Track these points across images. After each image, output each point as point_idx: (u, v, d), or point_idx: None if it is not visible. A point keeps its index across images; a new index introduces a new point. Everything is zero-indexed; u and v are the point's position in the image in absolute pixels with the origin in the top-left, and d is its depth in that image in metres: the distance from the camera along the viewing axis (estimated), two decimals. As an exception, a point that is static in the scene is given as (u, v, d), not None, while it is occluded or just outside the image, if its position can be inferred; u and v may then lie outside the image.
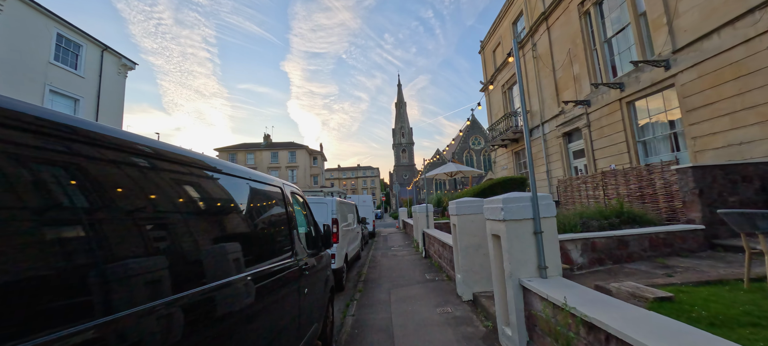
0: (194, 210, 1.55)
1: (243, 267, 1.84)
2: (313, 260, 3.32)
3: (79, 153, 1.03)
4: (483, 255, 4.87)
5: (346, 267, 6.92)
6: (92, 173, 1.07)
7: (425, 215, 10.29)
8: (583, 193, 9.12)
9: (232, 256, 1.77)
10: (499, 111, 19.49)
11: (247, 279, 1.84)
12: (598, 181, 8.43)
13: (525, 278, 2.91)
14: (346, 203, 8.35)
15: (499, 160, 20.08)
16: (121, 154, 1.20)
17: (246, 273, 1.84)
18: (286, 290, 2.42)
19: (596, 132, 10.95)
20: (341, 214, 7.06)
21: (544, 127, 14.41)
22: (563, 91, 12.88)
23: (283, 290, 2.37)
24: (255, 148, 51.22)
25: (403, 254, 10.71)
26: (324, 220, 6.25)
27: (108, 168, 1.15)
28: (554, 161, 13.66)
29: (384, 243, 14.36)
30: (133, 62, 20.96)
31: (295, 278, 2.62)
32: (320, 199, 6.39)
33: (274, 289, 2.22)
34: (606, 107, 10.43)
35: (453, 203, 5.19)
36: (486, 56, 21.66)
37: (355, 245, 9.01)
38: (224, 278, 1.63)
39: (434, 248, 8.29)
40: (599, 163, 10.87)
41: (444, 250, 6.92)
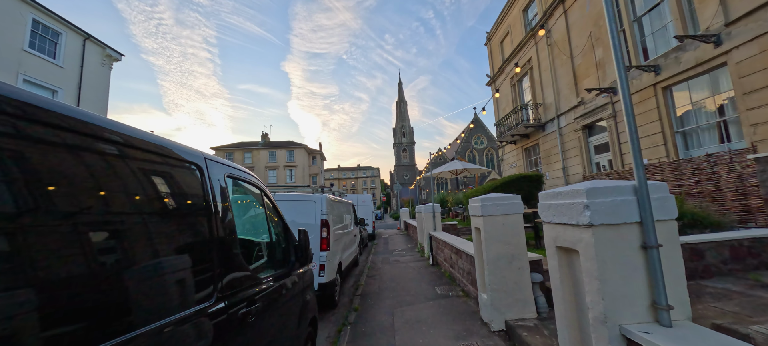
0: None
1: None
2: (278, 286, 2.12)
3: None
4: (517, 270, 3.66)
5: (339, 279, 5.72)
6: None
7: (432, 216, 9.09)
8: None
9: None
10: (507, 105, 18.28)
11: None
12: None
13: (632, 325, 1.70)
14: (342, 203, 7.13)
15: (506, 158, 18.86)
16: None
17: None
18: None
19: (623, 123, 9.73)
20: (335, 215, 5.85)
21: (559, 120, 13.19)
22: (583, 80, 11.67)
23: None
24: (252, 147, 50.06)
25: (406, 259, 9.49)
26: (311, 222, 5.04)
27: None
28: (572, 157, 12.44)
29: (385, 246, 13.15)
30: (120, 53, 19.80)
31: (232, 328, 1.42)
32: (306, 196, 5.19)
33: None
34: (636, 95, 9.21)
35: (476, 200, 3.99)
36: (493, 48, 20.47)
37: (352, 250, 7.80)
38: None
39: (444, 255, 7.07)
40: (628, 158, 9.66)
41: (458, 258, 5.70)
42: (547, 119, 14.17)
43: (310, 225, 5.00)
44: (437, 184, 56.03)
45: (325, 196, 5.21)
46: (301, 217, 5.06)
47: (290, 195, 5.18)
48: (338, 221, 6.30)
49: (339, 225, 6.28)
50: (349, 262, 7.55)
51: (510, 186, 11.24)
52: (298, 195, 5.20)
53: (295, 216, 5.07)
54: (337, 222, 6.06)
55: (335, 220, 5.87)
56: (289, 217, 4.88)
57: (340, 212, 6.62)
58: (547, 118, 14.12)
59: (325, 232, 4.96)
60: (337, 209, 6.16)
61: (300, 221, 5.03)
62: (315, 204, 5.07)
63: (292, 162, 49.68)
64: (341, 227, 6.48)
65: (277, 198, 5.13)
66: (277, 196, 5.14)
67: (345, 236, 6.81)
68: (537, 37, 14.58)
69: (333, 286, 5.10)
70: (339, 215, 6.52)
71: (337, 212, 6.27)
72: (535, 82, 15.14)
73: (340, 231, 6.20)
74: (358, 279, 7.49)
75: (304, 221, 5.03)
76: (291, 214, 5.08)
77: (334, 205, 5.92)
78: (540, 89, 14.66)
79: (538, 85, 14.78)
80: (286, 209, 5.06)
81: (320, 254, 4.87)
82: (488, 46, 21.08)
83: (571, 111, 12.36)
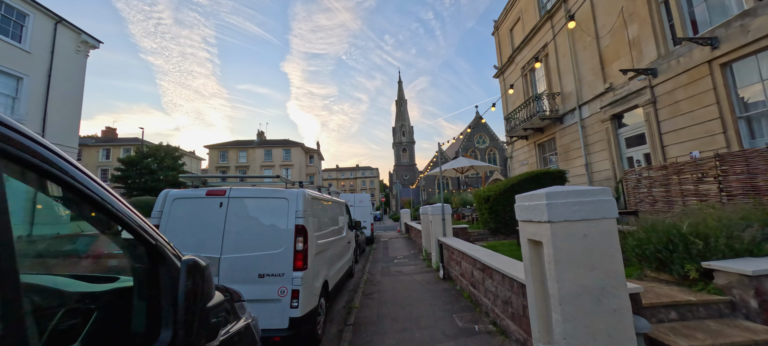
0: None
1: None
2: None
3: None
4: (612, 313, 2.18)
5: (324, 305, 4.21)
6: None
7: (441, 218, 7.61)
8: (675, 189, 6.43)
9: None
10: (517, 97, 16.83)
11: None
12: (707, 170, 5.75)
13: None
14: (331, 202, 5.63)
15: (516, 155, 17.40)
16: None
17: None
18: None
19: (667, 109, 8.27)
20: (319, 218, 4.33)
21: (581, 110, 11.73)
22: (611, 63, 10.22)
23: None
24: (248, 145, 48.53)
25: (410, 270, 7.99)
26: (281, 227, 3.54)
27: None
28: (597, 152, 10.98)
29: (384, 252, 11.65)
30: (97, 40, 18.26)
31: None
32: (274, 192, 3.66)
33: None
34: (685, 75, 7.76)
35: (533, 197, 2.51)
36: (501, 37, 19.03)
37: (344, 260, 6.30)
38: None
39: (461, 269, 5.58)
40: (671, 151, 8.20)
41: (486, 278, 4.21)
42: (565, 111, 12.71)
43: (279, 232, 3.51)
44: (438, 184, 54.57)
45: (303, 191, 3.71)
46: (267, 219, 3.57)
47: (252, 190, 3.68)
48: (326, 226, 4.80)
49: (326, 231, 4.78)
50: (343, 274, 6.06)
51: (529, 184, 9.76)
52: (263, 190, 3.70)
53: (261, 218, 3.58)
54: (323, 227, 4.56)
55: (320, 224, 4.36)
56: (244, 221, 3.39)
57: (328, 214, 5.11)
58: (566, 109, 12.66)
59: (302, 242, 3.46)
60: (322, 211, 4.63)
61: (266, 224, 3.54)
62: (287, 203, 3.57)
63: (288, 161, 48.15)
64: (329, 233, 4.97)
65: (234, 193, 3.64)
66: (233, 191, 3.65)
67: (335, 245, 5.30)
68: (554, 20, 13.13)
69: (313, 319, 3.60)
70: (327, 218, 5.01)
71: (324, 215, 4.76)
72: (552, 70, 13.68)
73: (327, 239, 4.69)
74: (351, 298, 5.99)
75: (271, 224, 3.54)
76: (252, 216, 3.59)
77: (318, 205, 4.42)
78: (557, 77, 13.20)
79: (555, 73, 13.33)
80: (246, 210, 3.57)
81: (293, 275, 3.38)
82: (495, 36, 19.64)
83: (596, 99, 10.90)
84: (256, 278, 3.35)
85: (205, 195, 3.64)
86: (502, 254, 4.76)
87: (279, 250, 3.44)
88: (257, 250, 3.43)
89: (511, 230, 9.75)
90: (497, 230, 9.83)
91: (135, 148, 41.94)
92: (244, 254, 3.41)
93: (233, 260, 3.39)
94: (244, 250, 3.42)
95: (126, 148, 43.09)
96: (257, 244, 3.46)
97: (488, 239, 9.83)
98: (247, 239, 3.47)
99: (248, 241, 3.46)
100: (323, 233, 4.56)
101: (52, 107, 15.56)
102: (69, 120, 16.56)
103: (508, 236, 9.79)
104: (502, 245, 7.52)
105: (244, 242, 3.45)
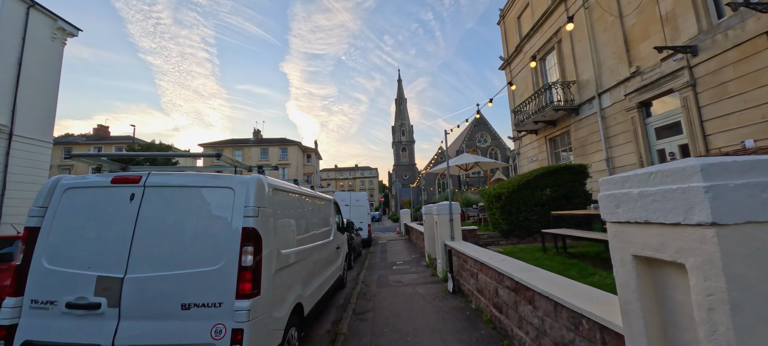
0: None
1: None
2: None
3: None
4: None
5: (295, 337, 3.03)
6: None
7: (448, 219, 6.45)
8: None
9: None
10: (526, 89, 15.68)
11: None
12: None
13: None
14: (314, 198, 4.43)
15: (525, 151, 16.23)
16: None
17: None
18: None
19: (710, 92, 7.11)
20: (285, 219, 3.11)
21: (600, 99, 10.57)
22: (638, 45, 9.06)
23: None
24: (243, 143, 47.34)
25: (412, 279, 6.81)
26: (219, 234, 2.34)
27: None
28: (620, 145, 9.82)
29: (382, 256, 10.45)
30: (76, 27, 17.06)
31: None
32: (215, 179, 2.47)
33: None
34: (734, 50, 6.61)
35: (667, 175, 1.29)
36: (507, 26, 17.89)
37: (331, 270, 5.12)
38: None
39: (477, 282, 4.39)
40: (715, 140, 7.04)
41: (520, 301, 3.02)
42: (581, 100, 11.55)
43: (217, 239, 2.32)
44: (438, 183, 53.39)
45: (258, 177, 2.52)
46: (201, 219, 2.38)
47: (180, 175, 2.48)
48: (302, 229, 3.61)
49: (303, 235, 3.59)
50: (328, 289, 4.87)
51: (545, 179, 8.60)
52: (197, 175, 2.52)
53: (192, 217, 2.39)
54: (297, 230, 3.37)
55: (290, 227, 3.16)
56: (165, 221, 2.21)
57: (306, 212, 3.89)
58: (583, 98, 11.50)
59: (252, 254, 2.28)
60: (294, 208, 3.43)
61: (198, 227, 2.36)
62: (233, 195, 2.39)
63: (285, 160, 46.96)
64: (308, 238, 3.78)
65: (154, 180, 2.44)
66: (152, 177, 2.46)
67: (316, 253, 4.10)
68: (568, 2, 11.98)
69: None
70: (305, 218, 3.80)
71: (298, 213, 3.54)
72: (565, 57, 12.53)
73: (303, 246, 3.50)
74: (339, 317, 4.81)
75: (206, 227, 2.35)
76: (177, 214, 2.39)
77: (286, 199, 3.22)
78: (572, 65, 12.04)
79: (570, 61, 12.17)
80: (169, 204, 2.37)
81: (236, 304, 2.19)
82: (501, 25, 18.50)
83: (619, 86, 9.74)
84: (177, 311, 2.17)
85: (110, 182, 2.45)
86: (530, 263, 3.58)
87: (216, 266, 2.26)
88: (182, 266, 2.25)
89: (525, 231, 8.58)
90: (510, 232, 8.65)
91: (126, 146, 40.72)
92: (162, 273, 2.23)
93: (144, 283, 2.21)
94: (161, 266, 2.25)
95: (118, 146, 41.89)
96: (183, 257, 2.27)
97: (500, 243, 8.65)
98: (168, 250, 2.29)
99: (169, 252, 2.28)
100: (297, 238, 3.37)
101: (23, 98, 14.34)
102: (43, 112, 15.35)
103: (522, 238, 8.62)
104: (522, 250, 6.34)
105: (163, 253, 2.27)
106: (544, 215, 8.49)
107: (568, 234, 5.53)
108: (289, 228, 3.13)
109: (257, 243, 2.34)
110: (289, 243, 3.09)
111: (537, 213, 8.51)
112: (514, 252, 5.99)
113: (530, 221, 8.54)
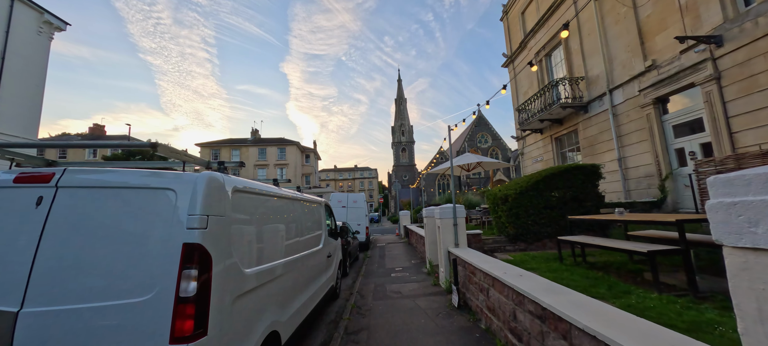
0: None
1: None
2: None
3: None
4: None
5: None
6: None
7: (451, 224, 5.86)
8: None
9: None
10: (530, 87, 15.12)
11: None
12: None
13: None
14: (296, 200, 3.82)
15: (529, 151, 15.63)
16: None
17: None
18: None
19: (737, 86, 6.53)
20: (251, 228, 2.45)
21: (612, 95, 9.98)
22: (654, 37, 8.48)
23: None
24: (241, 143, 46.71)
25: (412, 289, 6.20)
26: (153, 254, 1.73)
27: None
28: (634, 143, 9.23)
29: (380, 261, 9.84)
30: (64, 21, 16.45)
31: None
32: (141, 177, 1.83)
33: None
34: (745, 49, 6.05)
35: None
36: (511, 22, 17.32)
37: (320, 284, 4.52)
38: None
39: (488, 299, 3.79)
40: (743, 138, 6.46)
41: (548, 333, 2.42)
42: (591, 97, 10.97)
43: (148, 259, 1.72)
44: (438, 184, 52.78)
45: (210, 176, 1.91)
46: (127, 231, 1.77)
47: (103, 172, 1.88)
48: (278, 239, 2.99)
49: (280, 248, 2.98)
50: (317, 304, 4.27)
51: (556, 179, 8.01)
52: (126, 173, 1.89)
53: (116, 229, 1.79)
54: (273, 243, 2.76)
55: (255, 241, 2.50)
56: (79, 235, 1.61)
57: (283, 219, 3.25)
58: (592, 95, 10.92)
59: (195, 279, 1.68)
60: (262, 215, 2.67)
61: (123, 242, 1.75)
62: (174, 198, 1.78)
63: (283, 160, 46.34)
64: (285, 250, 3.16)
65: (70, 180, 1.84)
66: (68, 175, 1.86)
67: (297, 269, 3.47)
68: (577, -6, 11.39)
69: None
70: (282, 226, 3.17)
71: (271, 221, 2.90)
72: (573, 52, 11.95)
73: (278, 261, 2.89)
74: (328, 338, 4.20)
75: (133, 244, 1.75)
76: (96, 225, 1.79)
77: (253, 204, 2.51)
78: (580, 60, 11.46)
79: (579, 56, 11.59)
80: (87, 212, 1.76)
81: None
82: (505, 21, 17.92)
83: (633, 81, 9.16)
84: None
85: (12, 182, 1.85)
86: (548, 277, 2.99)
87: (145, 296, 1.67)
88: (100, 297, 1.65)
89: (533, 236, 7.98)
90: (517, 236, 8.05)
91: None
92: (71, 307, 1.63)
93: (45, 320, 1.61)
94: (71, 297, 1.65)
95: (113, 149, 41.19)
96: (102, 285, 1.67)
97: (507, 249, 8.05)
98: (82, 274, 1.68)
99: (83, 278, 1.68)
100: (273, 251, 2.77)
101: (6, 94, 13.73)
102: (27, 109, 14.73)
103: (530, 243, 8.02)
104: (534, 258, 5.74)
105: (75, 279, 1.67)
106: (553, 218, 7.91)
107: (590, 243, 4.89)
108: (259, 240, 2.51)
109: (204, 264, 1.74)
110: (260, 259, 2.48)
111: (546, 217, 7.92)
112: (526, 261, 5.38)
113: (539, 225, 7.94)
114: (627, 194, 9.48)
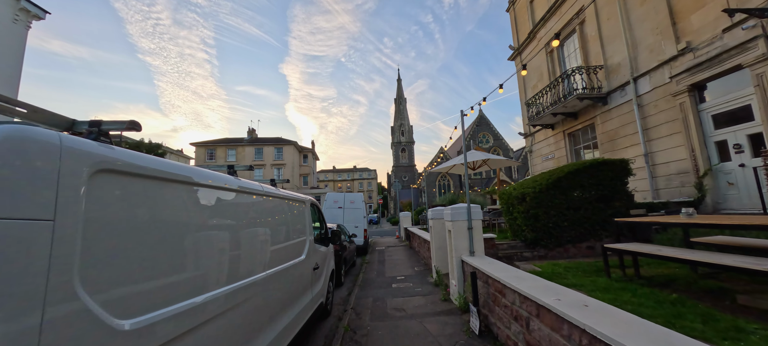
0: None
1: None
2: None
3: None
4: None
5: None
6: None
7: (466, 228, 4.87)
8: None
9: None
10: (540, 80, 14.16)
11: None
12: None
13: None
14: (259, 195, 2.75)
15: (538, 148, 14.67)
16: None
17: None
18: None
19: (800, 66, 5.57)
20: (133, 259, 1.31)
21: (637, 84, 9.02)
22: (689, 16, 7.52)
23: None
24: (237, 143, 45.64)
25: (417, 303, 5.20)
26: None
27: None
28: (663, 137, 8.25)
29: (380, 269, 8.83)
30: (43, 9, 15.39)
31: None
32: None
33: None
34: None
35: None
36: (517, 12, 16.38)
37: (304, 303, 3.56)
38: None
39: (529, 333, 2.79)
40: (808, 127, 5.48)
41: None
42: (611, 88, 10.01)
43: None
44: (438, 184, 51.77)
45: (9, 131, 0.89)
46: None
47: None
48: (221, 258, 1.97)
49: (227, 269, 1.98)
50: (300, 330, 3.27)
51: (580, 176, 7.03)
52: None
53: None
54: (209, 263, 1.78)
55: (161, 264, 1.39)
56: None
57: (228, 226, 2.02)
58: (612, 85, 9.95)
59: None
60: (182, 219, 1.62)
61: None
62: None
63: (280, 160, 45.30)
64: (238, 272, 2.14)
65: None
66: None
67: (262, 295, 2.40)
68: (594, -24, 10.44)
69: None
70: (221, 240, 1.94)
71: (193, 230, 1.69)
72: (590, 39, 10.99)
73: (217, 293, 1.88)
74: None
75: None
76: None
77: (156, 199, 1.46)
78: (598, 47, 10.50)
79: (596, 43, 10.63)
80: None
81: None
82: (511, 12, 16.99)
83: (662, 67, 8.19)
84: None
85: None
86: (597, 298, 2.00)
87: None
88: None
89: (555, 241, 6.98)
90: (536, 241, 7.06)
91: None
92: None
93: None
94: None
95: (105, 144, 40.07)
96: None
97: (524, 255, 7.06)
98: None
99: None
100: (201, 277, 1.76)
101: (-24, 84, 12.68)
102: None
103: (550, 249, 7.03)
104: (568, 269, 4.74)
105: None
106: (576, 220, 6.92)
107: (655, 253, 3.77)
108: (170, 260, 1.52)
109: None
110: (166, 294, 1.45)
111: (569, 219, 6.93)
112: (560, 273, 4.38)
113: (560, 228, 6.95)
114: (655, 193, 8.50)
